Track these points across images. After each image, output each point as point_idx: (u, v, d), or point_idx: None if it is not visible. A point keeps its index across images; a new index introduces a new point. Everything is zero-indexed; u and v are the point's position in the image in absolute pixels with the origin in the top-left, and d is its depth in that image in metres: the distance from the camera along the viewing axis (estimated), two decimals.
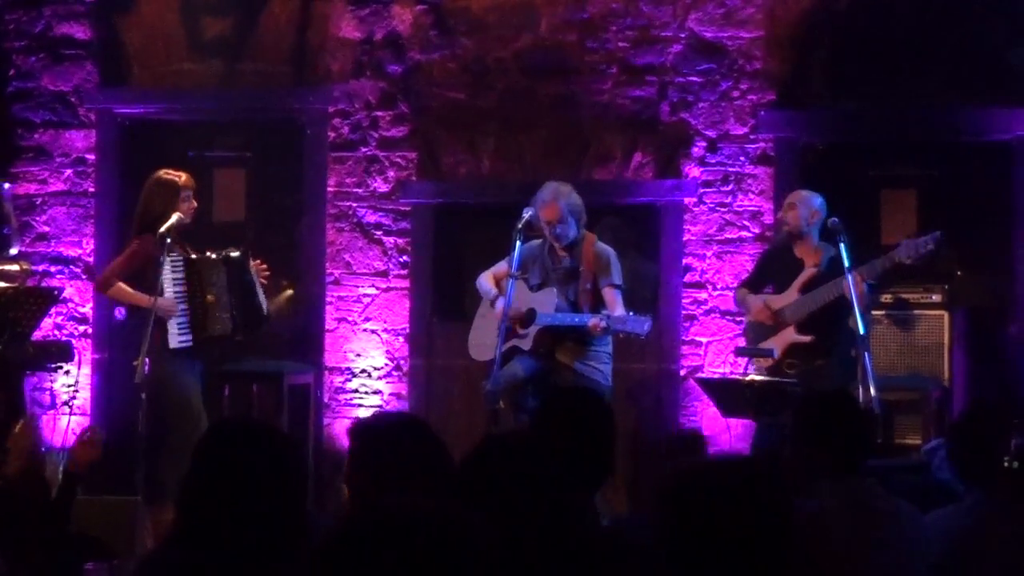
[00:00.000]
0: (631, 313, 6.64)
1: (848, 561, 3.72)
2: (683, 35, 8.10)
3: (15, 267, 7.53)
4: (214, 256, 7.02)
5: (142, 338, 6.53)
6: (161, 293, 6.75)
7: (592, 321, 6.64)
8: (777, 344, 6.82)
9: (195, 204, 7.02)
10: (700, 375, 7.79)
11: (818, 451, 3.91)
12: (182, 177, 6.97)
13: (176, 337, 6.83)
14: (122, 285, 6.92)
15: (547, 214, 6.83)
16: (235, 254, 7.08)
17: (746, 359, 7.16)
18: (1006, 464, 4.06)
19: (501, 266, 7.08)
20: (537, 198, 6.86)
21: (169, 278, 6.84)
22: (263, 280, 7.20)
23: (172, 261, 6.85)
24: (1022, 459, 4.06)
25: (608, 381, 6.91)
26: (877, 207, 8.07)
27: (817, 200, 6.91)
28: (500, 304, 6.89)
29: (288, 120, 8.52)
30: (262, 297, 7.15)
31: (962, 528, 4.00)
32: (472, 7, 8.27)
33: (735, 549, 2.37)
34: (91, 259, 8.48)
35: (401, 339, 8.28)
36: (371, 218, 8.33)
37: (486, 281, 7.18)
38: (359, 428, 3.41)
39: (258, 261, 7.21)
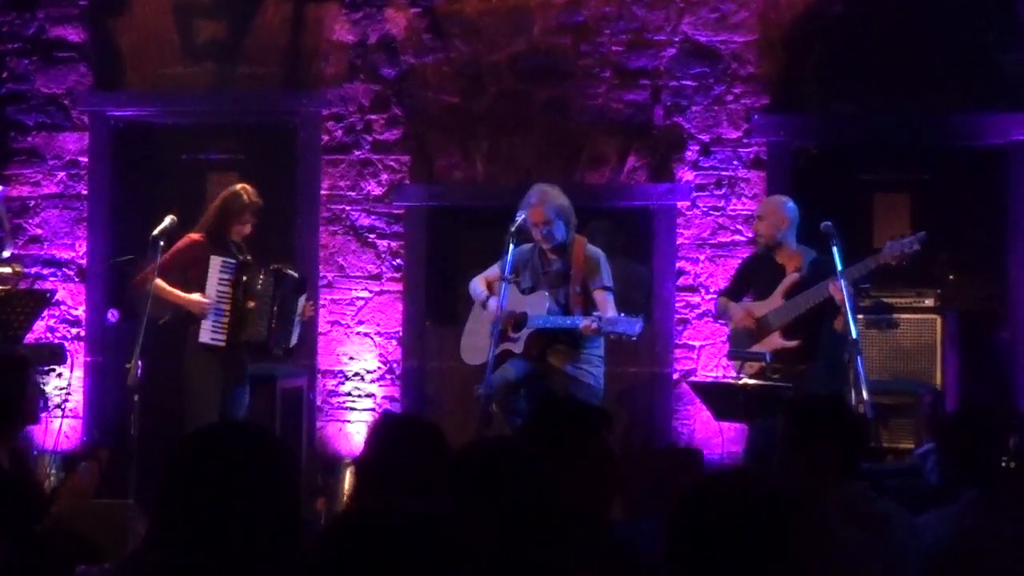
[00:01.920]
0: (622, 315, 6.64)
1: (840, 564, 3.72)
2: (676, 39, 8.10)
3: (7, 270, 7.51)
4: (269, 266, 7.03)
5: (135, 341, 6.53)
6: (202, 290, 6.83)
7: (584, 323, 6.64)
8: (763, 350, 6.80)
9: (249, 229, 6.98)
10: (693, 379, 7.79)
11: (809, 454, 3.91)
12: (253, 201, 6.95)
13: (209, 333, 6.85)
14: (160, 282, 6.82)
15: (534, 216, 6.84)
16: (291, 272, 7.10)
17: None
18: (1003, 464, 4.05)
19: (493, 270, 7.09)
20: (525, 200, 6.86)
21: (216, 277, 6.86)
22: (303, 317, 7.13)
23: (224, 261, 6.89)
24: (1018, 459, 4.05)
25: (600, 384, 6.90)
26: (870, 211, 8.07)
27: (787, 206, 6.89)
28: (493, 303, 6.89)
29: (281, 123, 8.52)
30: (296, 332, 7.09)
31: (954, 531, 3.99)
32: (466, 11, 8.27)
33: (744, 562, 2.37)
34: (84, 262, 8.48)
35: (394, 342, 8.28)
36: (364, 221, 8.33)
37: (478, 284, 7.18)
38: (380, 420, 3.45)
39: (309, 303, 7.21)
